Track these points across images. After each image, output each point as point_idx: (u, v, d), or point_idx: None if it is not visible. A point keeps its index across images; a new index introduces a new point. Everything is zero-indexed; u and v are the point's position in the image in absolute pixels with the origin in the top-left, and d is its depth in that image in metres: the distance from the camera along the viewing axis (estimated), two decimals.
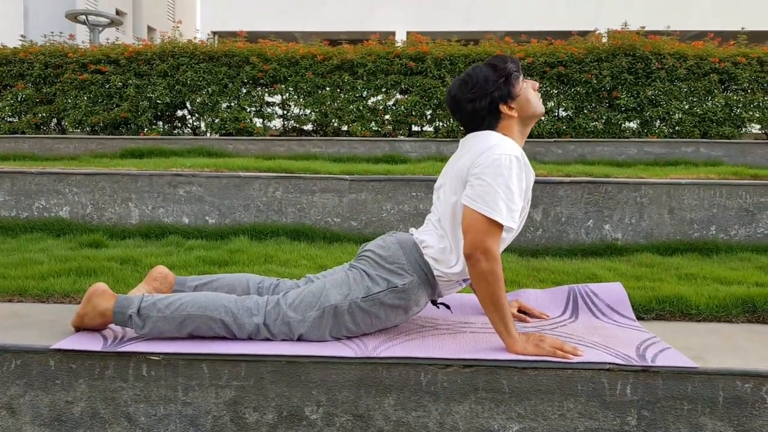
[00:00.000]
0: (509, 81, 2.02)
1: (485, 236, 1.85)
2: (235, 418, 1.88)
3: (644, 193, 3.80)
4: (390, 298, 1.98)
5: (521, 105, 2.04)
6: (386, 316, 2.01)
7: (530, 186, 2.02)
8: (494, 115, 2.04)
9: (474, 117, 2.05)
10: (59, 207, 4.12)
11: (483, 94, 2.01)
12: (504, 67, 2.03)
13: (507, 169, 1.89)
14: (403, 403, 1.84)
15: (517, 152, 1.94)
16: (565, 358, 1.81)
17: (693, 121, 6.86)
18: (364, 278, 2.00)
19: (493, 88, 2.01)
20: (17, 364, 1.91)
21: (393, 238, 2.08)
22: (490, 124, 2.05)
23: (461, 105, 2.06)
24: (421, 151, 6.58)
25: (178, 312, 1.93)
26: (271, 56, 7.20)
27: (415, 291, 2.00)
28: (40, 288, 2.56)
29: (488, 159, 1.91)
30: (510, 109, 2.03)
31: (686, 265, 3.26)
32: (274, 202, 4.03)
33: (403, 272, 1.99)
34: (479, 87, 2.01)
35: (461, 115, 2.09)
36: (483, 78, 2.02)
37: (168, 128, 7.74)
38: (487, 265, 1.84)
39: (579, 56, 6.85)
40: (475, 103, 2.02)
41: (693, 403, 1.79)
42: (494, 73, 2.02)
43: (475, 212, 1.87)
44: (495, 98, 2.01)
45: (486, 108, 2.02)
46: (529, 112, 2.06)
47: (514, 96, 2.03)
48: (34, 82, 7.56)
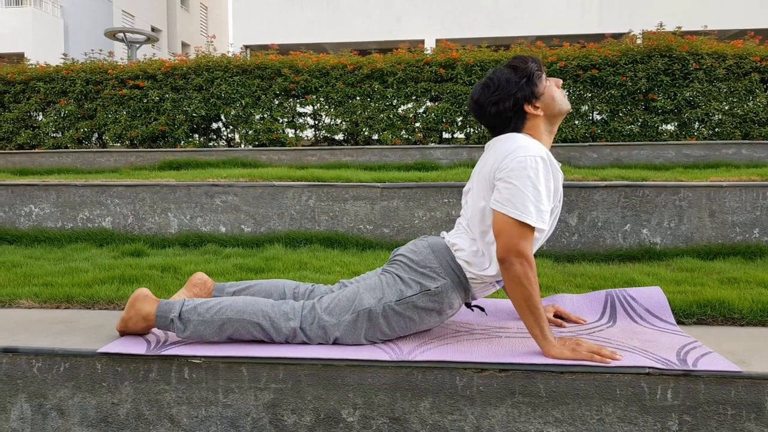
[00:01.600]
0: (531, 80, 2.01)
1: (517, 239, 1.84)
2: (273, 420, 1.91)
3: (683, 196, 3.74)
4: (423, 301, 1.99)
5: (546, 103, 2.03)
6: (420, 319, 2.02)
7: (559, 186, 2.00)
8: (520, 116, 2.03)
9: (499, 120, 2.05)
10: (102, 218, 4.24)
11: (506, 95, 2.00)
12: (525, 67, 2.02)
13: (533, 170, 1.88)
14: (439, 407, 1.85)
15: (542, 153, 1.93)
16: (602, 362, 1.79)
17: (734, 122, 6.71)
18: (397, 282, 2.02)
19: (516, 89, 2.00)
20: (66, 367, 1.98)
21: (424, 242, 2.09)
22: (516, 125, 2.04)
23: (485, 109, 2.05)
24: (452, 158, 6.57)
25: (217, 316, 1.98)
26: (302, 67, 7.30)
27: (448, 294, 2.01)
28: (86, 295, 2.64)
29: (514, 162, 1.90)
30: (535, 108, 2.02)
31: (728, 269, 3.18)
32: (308, 211, 4.09)
33: (436, 275, 2.00)
34: (502, 89, 2.01)
35: (486, 119, 2.08)
36: (505, 80, 2.01)
37: (203, 140, 7.90)
38: (521, 269, 1.83)
39: (613, 58, 6.78)
40: (499, 105, 2.02)
41: (737, 408, 1.76)
42: (516, 74, 2.02)
43: (506, 216, 1.87)
44: (519, 99, 2.00)
45: (510, 109, 2.02)
46: (555, 110, 2.05)
47: (538, 95, 2.02)
48: (76, 98, 7.81)
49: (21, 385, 1.98)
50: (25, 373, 1.98)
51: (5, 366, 1.99)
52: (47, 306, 2.58)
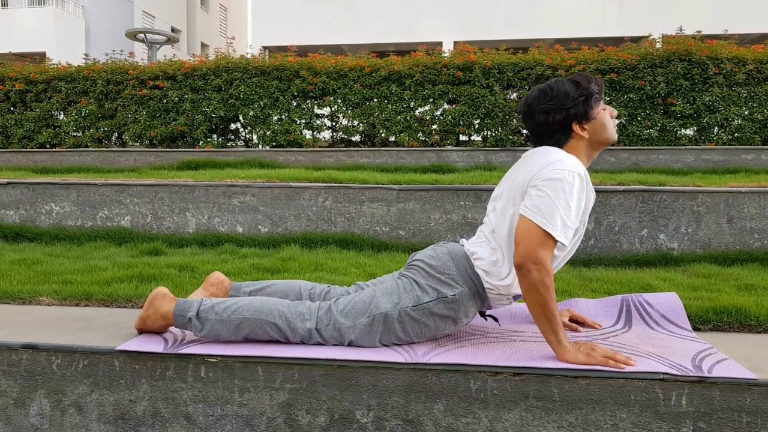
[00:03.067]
0: (589, 101, 1.99)
1: (538, 247, 1.83)
2: (288, 419, 1.93)
3: (701, 201, 3.71)
4: (439, 308, 2.00)
5: (595, 128, 2.01)
6: (435, 325, 2.02)
7: (589, 208, 1.99)
8: (565, 132, 2.01)
9: (545, 129, 2.03)
10: (121, 216, 4.30)
11: (559, 108, 1.99)
12: (587, 86, 2.00)
13: (569, 185, 1.87)
14: (452, 410, 1.85)
15: (581, 170, 1.92)
16: (617, 367, 1.79)
17: (753, 128, 6.64)
18: (413, 287, 2.02)
19: (571, 105, 1.98)
20: (84, 364, 2.01)
21: (444, 249, 2.08)
22: (559, 140, 2.02)
23: (535, 115, 2.03)
24: (469, 161, 6.57)
25: (234, 315, 2.00)
26: (320, 69, 7.34)
27: (464, 302, 2.01)
28: (105, 293, 2.68)
29: (551, 172, 1.89)
30: (582, 129, 2.00)
31: (746, 275, 3.16)
32: (324, 212, 4.11)
33: (453, 283, 2.00)
34: (557, 100, 1.99)
35: (533, 125, 2.06)
36: (563, 92, 1.99)
37: (222, 141, 7.97)
38: (538, 276, 1.82)
39: (632, 62, 6.74)
40: (549, 115, 2.00)
41: (752, 415, 1.74)
42: (576, 90, 1.99)
43: (531, 222, 1.86)
44: (570, 115, 1.99)
45: (559, 123, 2.00)
46: (601, 138, 2.03)
47: (590, 117, 2.00)
48: (97, 98, 7.92)
49: (40, 381, 2.02)
50: (45, 369, 2.02)
51: (25, 362, 2.03)
52: (67, 303, 2.63)
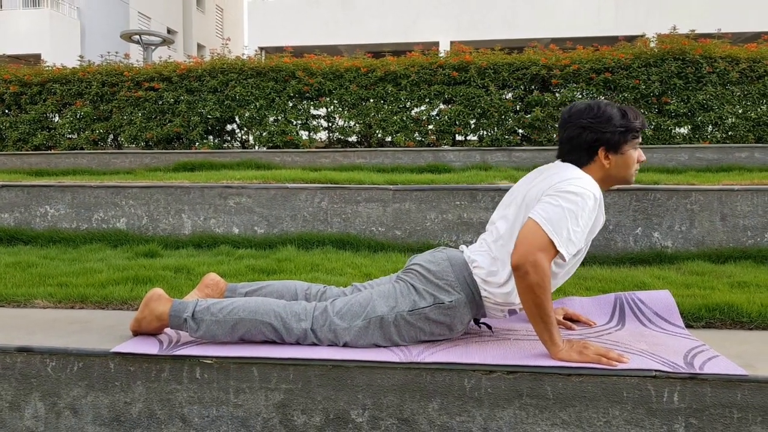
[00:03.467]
0: (626, 134, 1.98)
1: (538, 250, 1.82)
2: (284, 420, 1.93)
3: (695, 199, 3.73)
4: (435, 313, 2.00)
5: (618, 163, 2.00)
6: (431, 330, 2.02)
7: (596, 230, 1.99)
8: (589, 154, 2.00)
9: (573, 144, 2.02)
10: (116, 219, 4.30)
11: (596, 128, 1.97)
12: (632, 120, 1.99)
13: (583, 202, 1.87)
14: (447, 408, 1.86)
15: (597, 192, 1.92)
16: (609, 365, 1.80)
17: (747, 126, 6.67)
18: (411, 292, 2.03)
19: (609, 130, 1.96)
20: (79, 366, 2.02)
21: (443, 254, 2.09)
22: (580, 159, 2.02)
23: (571, 125, 2.02)
24: (465, 161, 6.58)
25: (230, 316, 2.01)
26: (316, 70, 7.35)
27: (460, 309, 2.01)
28: (100, 295, 2.69)
29: (570, 186, 1.90)
30: (606, 158, 1.99)
31: (739, 272, 3.17)
32: (320, 212, 4.12)
33: (451, 289, 2.00)
34: (598, 120, 1.97)
35: (564, 135, 2.04)
36: (607, 115, 1.98)
37: (218, 142, 7.97)
38: (535, 278, 1.81)
39: (626, 62, 6.76)
40: (584, 132, 1.99)
41: (743, 411, 1.76)
42: (620, 119, 1.98)
43: (538, 227, 1.85)
44: (602, 139, 1.97)
45: (588, 142, 1.99)
46: (619, 174, 2.02)
47: (619, 150, 1.99)
48: (92, 99, 7.91)
49: (35, 384, 2.03)
50: (40, 372, 2.02)
51: (20, 365, 2.03)
52: (62, 306, 2.63)
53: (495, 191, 3.93)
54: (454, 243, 3.95)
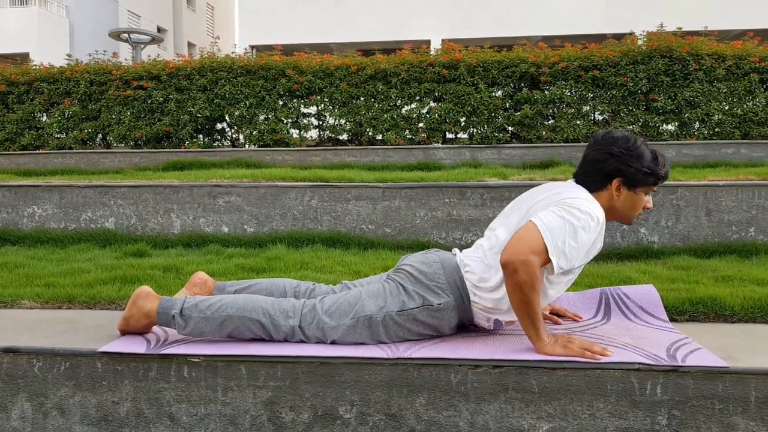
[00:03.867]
0: (647, 177, 1.97)
1: (530, 252, 1.82)
2: (272, 417, 1.94)
3: (680, 195, 3.76)
4: (424, 315, 2.01)
5: (626, 199, 2.01)
6: (418, 332, 2.03)
7: (592, 254, 1.98)
8: (604, 181, 2.00)
9: (595, 165, 2.01)
10: (105, 218, 4.29)
11: (624, 159, 1.96)
12: (660, 167, 1.98)
13: (586, 221, 1.88)
14: (434, 403, 1.88)
15: (602, 217, 1.93)
16: (593, 358, 1.82)
17: (733, 122, 6.73)
18: (400, 292, 2.04)
19: (633, 167, 1.96)
20: (66, 366, 2.02)
21: (436, 256, 2.09)
22: (594, 183, 2.02)
23: (601, 149, 2.00)
24: (455, 158, 6.60)
25: (218, 313, 2.01)
26: (306, 68, 7.35)
27: (449, 312, 2.02)
28: (88, 295, 2.68)
29: (578, 203, 1.90)
30: (618, 190, 2.00)
31: (723, 267, 3.21)
32: (310, 211, 4.12)
33: (441, 292, 2.01)
34: (629, 153, 1.96)
35: (591, 154, 2.03)
36: (639, 152, 1.97)
37: (208, 141, 7.95)
38: (523, 277, 1.81)
39: (614, 59, 6.80)
40: (610, 159, 1.97)
41: (724, 402, 1.79)
42: (649, 161, 1.97)
43: (536, 231, 1.85)
44: (624, 172, 1.97)
45: (609, 168, 1.98)
46: (623, 211, 2.03)
47: (633, 189, 1.99)
48: (80, 99, 7.87)
49: (22, 385, 2.02)
50: (26, 372, 2.02)
51: (6, 366, 2.03)
52: (49, 306, 2.63)
53: (484, 188, 3.95)
54: (444, 240, 3.97)
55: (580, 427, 1.82)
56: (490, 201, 3.92)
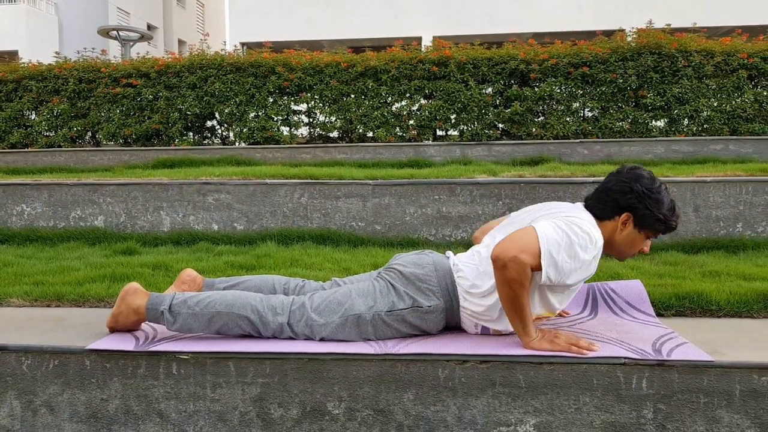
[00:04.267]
0: (657, 223, 1.98)
1: (521, 251, 1.82)
2: (261, 413, 1.95)
3: (668, 191, 3.78)
4: (412, 317, 2.02)
5: (628, 236, 2.01)
6: (406, 332, 2.04)
7: (582, 279, 1.95)
8: (614, 211, 2.00)
9: (611, 195, 2.00)
10: (94, 216, 4.27)
11: (641, 199, 1.96)
12: (673, 217, 2.00)
13: (584, 241, 1.88)
14: (422, 398, 1.89)
15: (600, 242, 1.94)
16: (579, 353, 1.84)
17: (722, 119, 6.77)
18: (390, 292, 2.04)
19: (649, 209, 1.96)
20: (55, 364, 2.01)
21: (429, 258, 2.09)
22: (604, 210, 2.01)
23: (624, 182, 2.00)
24: (446, 155, 6.62)
25: (207, 309, 2.02)
26: (296, 65, 7.34)
27: (437, 315, 2.03)
28: (77, 293, 2.67)
29: (580, 222, 1.91)
30: (624, 224, 2.00)
31: (711, 262, 3.24)
32: (300, 208, 4.12)
33: (431, 294, 2.02)
34: (649, 195, 1.96)
35: (611, 183, 2.03)
36: (660, 198, 1.98)
37: (198, 139, 7.93)
38: (512, 274, 1.81)
39: (603, 56, 6.83)
40: (630, 194, 1.97)
41: (709, 396, 1.81)
42: (666, 209, 1.98)
43: (534, 236, 1.85)
44: (637, 210, 1.97)
45: (623, 202, 1.98)
46: (622, 245, 2.03)
47: (639, 227, 2.00)
48: (69, 96, 7.83)
49: (11, 383, 2.02)
50: (15, 370, 2.02)
51: None
52: (38, 304, 2.62)
53: (473, 185, 3.96)
54: (434, 237, 3.98)
55: (567, 421, 1.84)
56: (480, 198, 3.93)
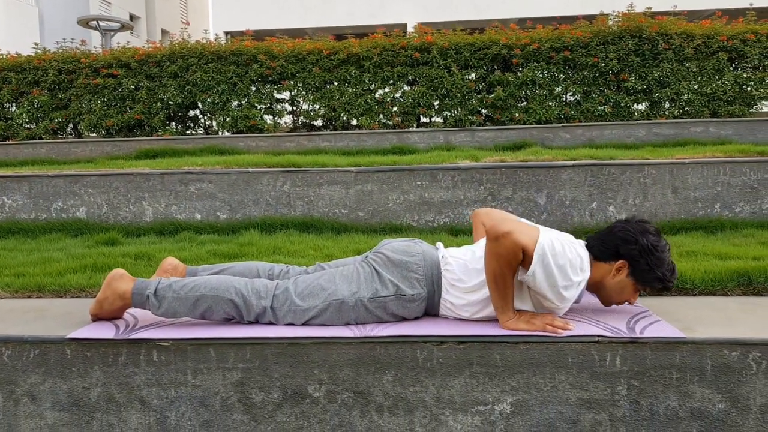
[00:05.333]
0: (653, 281, 1.99)
1: (521, 234, 1.82)
2: (242, 398, 1.97)
3: (647, 173, 3.83)
4: (395, 305, 2.03)
5: (617, 283, 2.02)
6: (386, 319, 2.05)
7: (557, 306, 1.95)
8: (613, 256, 2.01)
9: (615, 239, 2.01)
10: (76, 208, 4.25)
11: (643, 253, 1.96)
12: (670, 279, 2.00)
13: (576, 264, 1.90)
14: (401, 380, 1.92)
15: (584, 284, 1.96)
16: (554, 332, 1.87)
17: (702, 101, 6.83)
18: (374, 278, 2.06)
19: (650, 265, 1.97)
20: (36, 353, 2.02)
21: (419, 248, 2.11)
22: (603, 252, 2.02)
23: (632, 234, 2.00)
24: (429, 142, 6.63)
25: (192, 293, 2.03)
26: (278, 53, 7.29)
27: (419, 304, 2.05)
28: (58, 284, 2.67)
29: (579, 249, 1.95)
30: (618, 271, 2.01)
31: (689, 243, 3.29)
32: (283, 196, 4.13)
33: (416, 283, 2.04)
34: (652, 252, 1.97)
35: (618, 229, 2.03)
36: (662, 259, 1.98)
37: (181, 128, 7.88)
38: (501, 250, 1.82)
39: (585, 40, 6.85)
40: (635, 247, 1.97)
41: (681, 372, 1.85)
42: (666, 269, 1.98)
43: (537, 231, 1.87)
44: (636, 263, 1.98)
45: (624, 250, 1.98)
46: (610, 291, 2.04)
47: (634, 279, 2.00)
48: (49, 88, 7.74)
49: None
50: None
51: None
52: (19, 296, 2.61)
53: (455, 171, 3.98)
54: (416, 222, 4.00)
55: (543, 399, 1.88)
56: (462, 183, 3.96)
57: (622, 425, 1.86)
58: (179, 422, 1.99)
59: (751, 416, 1.84)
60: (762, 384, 1.83)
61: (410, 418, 1.92)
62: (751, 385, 1.83)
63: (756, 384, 1.83)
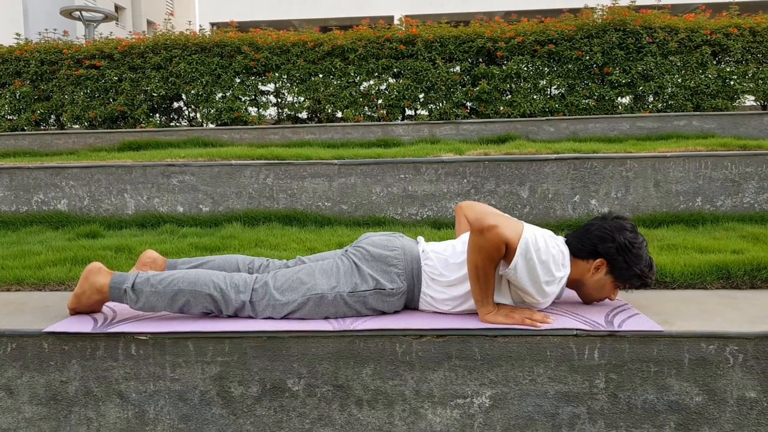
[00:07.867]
0: (633, 278, 2.00)
1: (505, 228, 1.83)
2: (221, 392, 1.96)
3: (630, 167, 3.85)
4: (374, 299, 2.02)
5: (597, 281, 2.03)
6: (365, 314, 2.05)
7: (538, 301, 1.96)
8: (591, 254, 2.01)
9: (592, 237, 2.01)
10: (57, 200, 4.20)
11: (621, 251, 1.97)
12: (649, 275, 2.00)
13: (558, 259, 1.92)
14: (380, 373, 1.92)
15: (565, 280, 1.97)
16: (533, 326, 1.88)
17: (686, 95, 6.87)
18: (354, 273, 2.05)
19: (628, 263, 1.98)
20: (12, 347, 2.00)
21: (399, 242, 2.10)
22: (581, 249, 2.02)
23: (608, 231, 2.00)
24: (414, 134, 6.63)
25: (170, 287, 2.01)
26: (262, 45, 7.24)
27: (398, 298, 2.04)
28: (37, 277, 2.64)
29: (561, 246, 1.97)
30: (596, 269, 2.01)
31: (670, 236, 3.31)
32: (266, 189, 4.11)
33: (396, 278, 2.03)
34: (629, 249, 1.97)
35: (594, 227, 2.03)
36: (640, 255, 1.98)
37: (165, 120, 7.81)
38: (486, 243, 1.82)
39: (569, 33, 6.86)
40: (610, 243, 1.98)
41: (659, 365, 1.86)
42: (644, 266, 1.99)
43: (521, 225, 1.87)
44: (615, 261, 1.98)
45: (602, 248, 1.99)
46: (590, 289, 2.06)
47: (612, 276, 2.02)
48: (31, 79, 7.64)
49: None
50: None
51: None
52: None
53: (438, 164, 3.98)
54: (400, 215, 4.00)
55: (522, 392, 1.89)
56: (445, 176, 3.96)
57: (600, 418, 1.88)
58: (158, 416, 1.98)
59: (728, 409, 1.86)
60: (739, 377, 1.85)
61: (389, 412, 1.92)
62: (728, 378, 1.85)
63: (733, 377, 1.85)
